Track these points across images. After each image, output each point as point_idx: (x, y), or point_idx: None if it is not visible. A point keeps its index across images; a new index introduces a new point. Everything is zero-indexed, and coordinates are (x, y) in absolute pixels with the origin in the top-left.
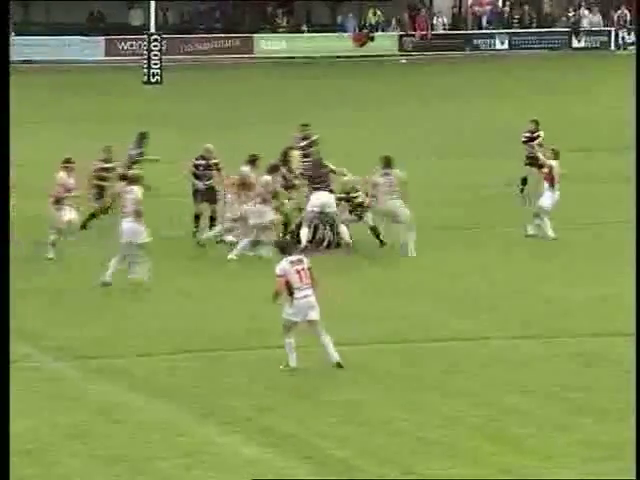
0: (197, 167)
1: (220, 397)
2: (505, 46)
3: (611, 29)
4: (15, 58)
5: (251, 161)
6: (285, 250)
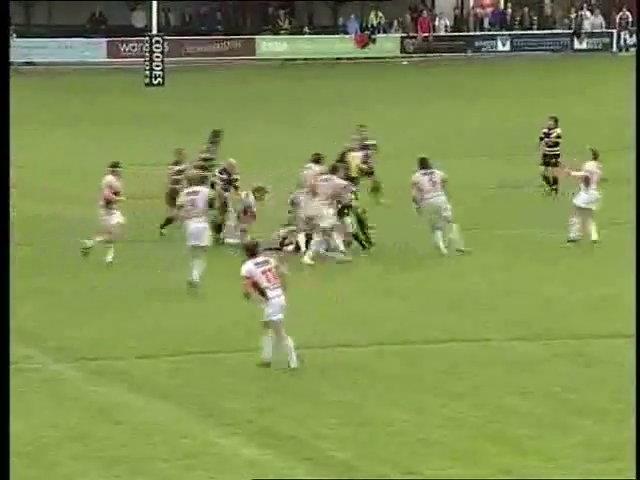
0: (221, 181)
1: (220, 398)
2: (507, 48)
3: (613, 31)
4: (16, 60)
5: (315, 160)
6: (252, 252)
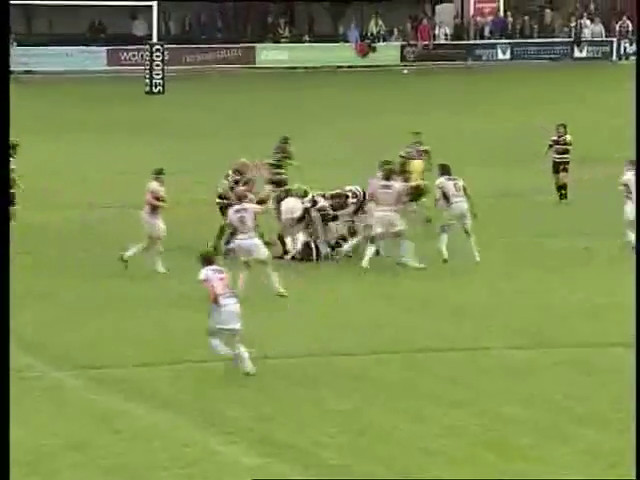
0: (234, 182)
1: (220, 406)
2: (507, 56)
3: (613, 39)
4: (17, 68)
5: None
6: (208, 260)
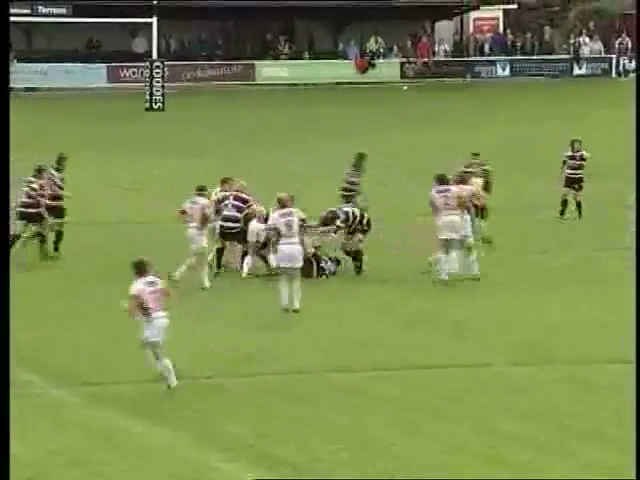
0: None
1: (220, 423)
2: (506, 73)
3: (612, 56)
4: (17, 85)
5: (440, 181)
6: (141, 270)
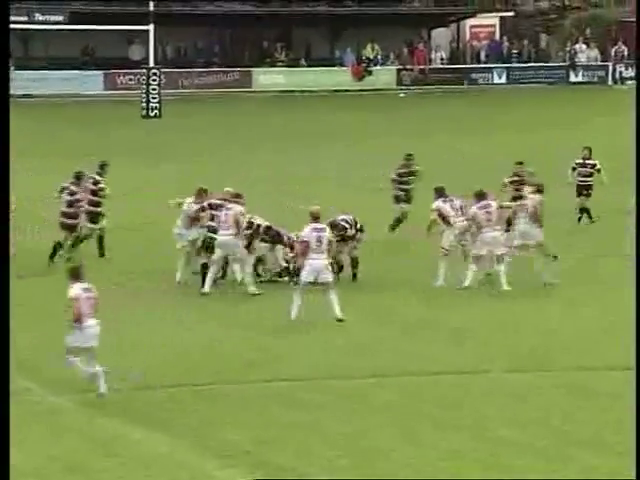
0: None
1: (218, 430)
2: (503, 80)
3: (608, 64)
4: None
5: (538, 190)
6: (77, 276)
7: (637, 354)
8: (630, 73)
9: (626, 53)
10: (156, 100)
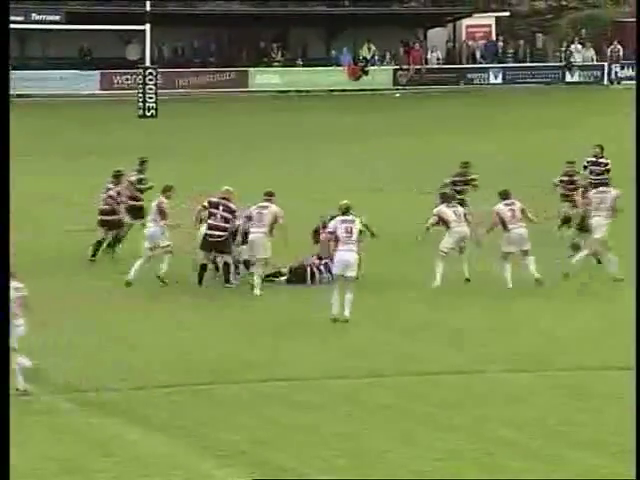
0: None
1: (214, 430)
2: (499, 80)
3: (604, 64)
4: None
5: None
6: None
7: (637, 354)
8: (626, 73)
9: (622, 53)
10: (152, 100)
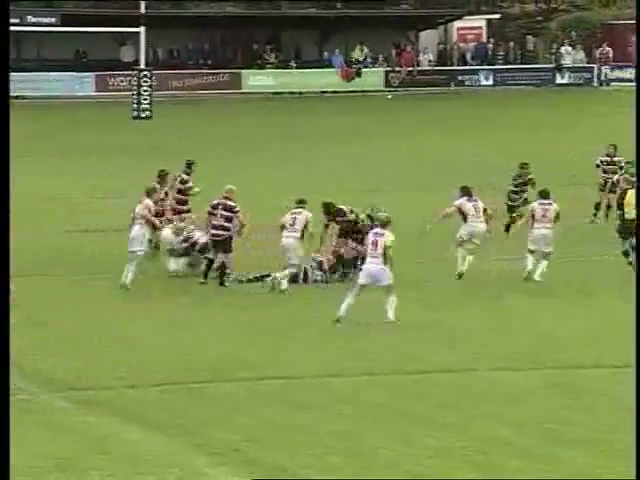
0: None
1: (209, 428)
2: (490, 82)
3: (594, 66)
4: None
5: None
6: None
7: (637, 354)
8: (615, 75)
9: (611, 55)
10: (147, 101)
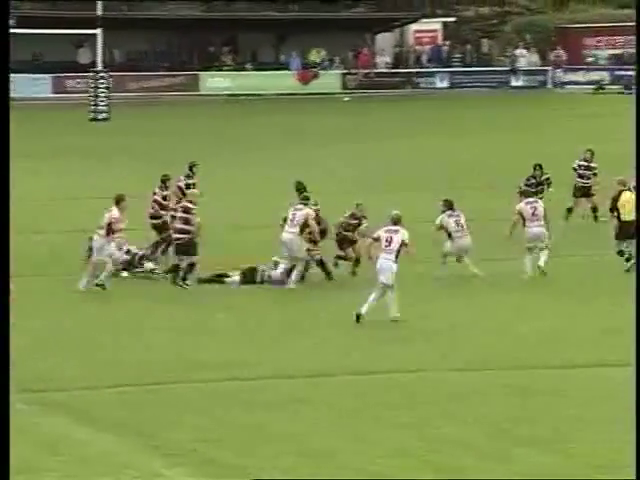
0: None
1: (164, 429)
2: (445, 84)
3: (548, 68)
4: None
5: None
6: None
7: (637, 354)
8: (568, 77)
9: (564, 58)
10: (104, 103)
